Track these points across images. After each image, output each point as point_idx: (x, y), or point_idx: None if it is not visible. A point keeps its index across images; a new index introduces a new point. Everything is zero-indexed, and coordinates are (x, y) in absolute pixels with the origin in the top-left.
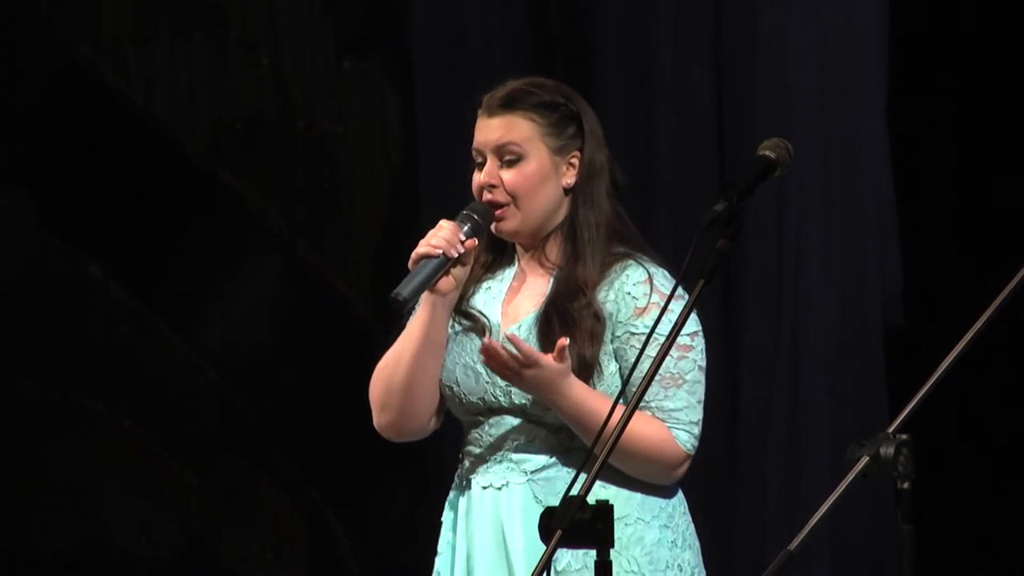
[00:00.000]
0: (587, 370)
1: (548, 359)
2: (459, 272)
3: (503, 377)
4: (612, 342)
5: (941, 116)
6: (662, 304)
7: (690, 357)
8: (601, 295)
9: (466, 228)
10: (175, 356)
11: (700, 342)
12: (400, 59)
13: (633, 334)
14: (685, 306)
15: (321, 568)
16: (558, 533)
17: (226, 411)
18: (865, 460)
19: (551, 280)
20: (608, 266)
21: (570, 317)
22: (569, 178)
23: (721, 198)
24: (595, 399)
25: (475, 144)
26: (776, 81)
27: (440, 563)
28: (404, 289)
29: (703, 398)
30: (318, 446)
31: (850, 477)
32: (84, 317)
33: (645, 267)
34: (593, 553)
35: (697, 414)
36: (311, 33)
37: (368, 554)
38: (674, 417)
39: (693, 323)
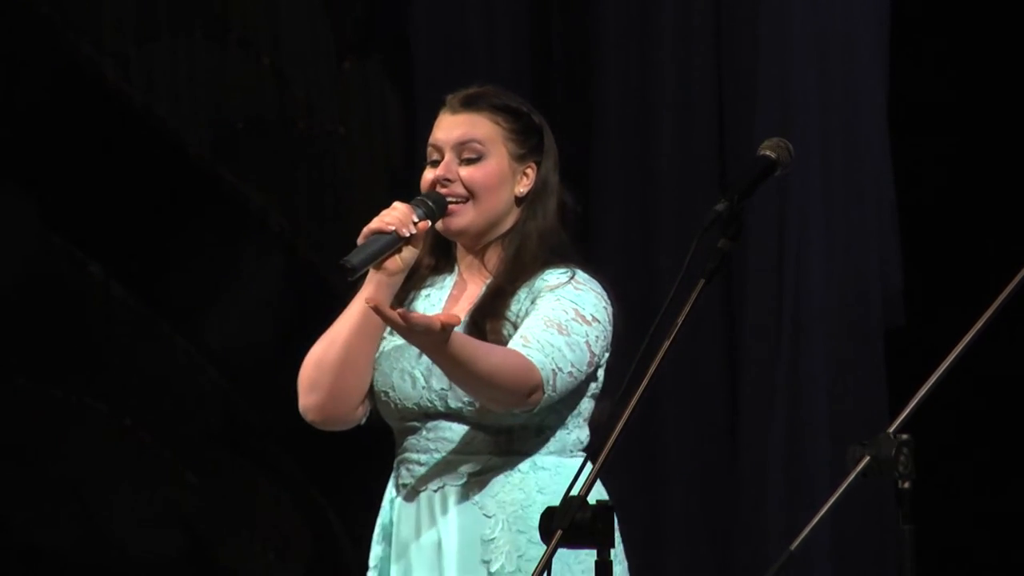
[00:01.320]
0: None
1: (434, 329)
2: (407, 254)
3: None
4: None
5: (942, 115)
6: (576, 285)
7: (582, 327)
8: (522, 293)
9: (419, 211)
10: (175, 356)
11: (598, 330)
12: (400, 59)
13: (540, 299)
14: (688, 303)
15: (321, 568)
16: (558, 533)
17: (226, 411)
18: (866, 460)
19: (483, 288)
20: (540, 270)
21: (490, 321)
22: (523, 187)
23: (722, 198)
24: (469, 347)
25: (433, 140)
26: (777, 81)
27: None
28: (354, 258)
29: (577, 368)
30: (318, 446)
31: (851, 477)
32: (84, 317)
33: (570, 268)
34: (529, 556)
35: (563, 363)
36: (311, 33)
37: (368, 554)
38: (540, 344)
39: (600, 314)
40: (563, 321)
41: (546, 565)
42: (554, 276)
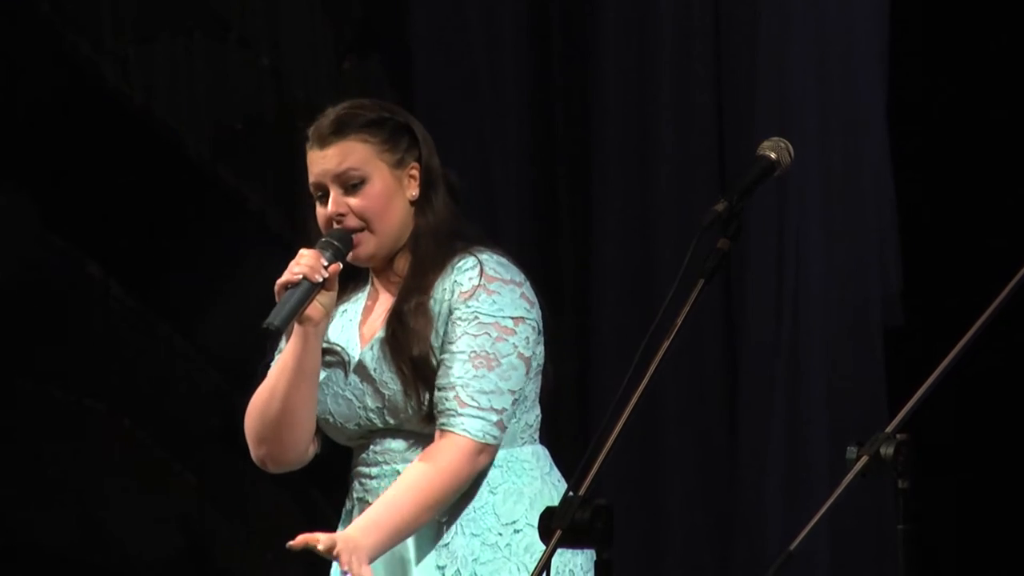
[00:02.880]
0: (421, 367)
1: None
2: (326, 299)
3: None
4: (442, 332)
5: (941, 115)
6: (488, 286)
7: (509, 341)
8: (437, 293)
9: (327, 254)
10: (175, 356)
11: (526, 330)
12: (400, 59)
13: (459, 317)
14: (687, 303)
15: (320, 568)
16: (558, 533)
17: (226, 411)
18: (865, 460)
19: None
20: (446, 263)
21: (406, 323)
22: (413, 190)
23: (721, 198)
24: (386, 524)
25: (313, 179)
26: (776, 80)
27: None
28: (275, 318)
29: (518, 387)
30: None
31: (850, 477)
32: (84, 317)
33: (477, 256)
34: (483, 560)
35: (503, 402)
36: (311, 33)
37: None
38: (474, 401)
39: (521, 309)
40: (488, 349)
41: (545, 565)
42: (465, 277)
